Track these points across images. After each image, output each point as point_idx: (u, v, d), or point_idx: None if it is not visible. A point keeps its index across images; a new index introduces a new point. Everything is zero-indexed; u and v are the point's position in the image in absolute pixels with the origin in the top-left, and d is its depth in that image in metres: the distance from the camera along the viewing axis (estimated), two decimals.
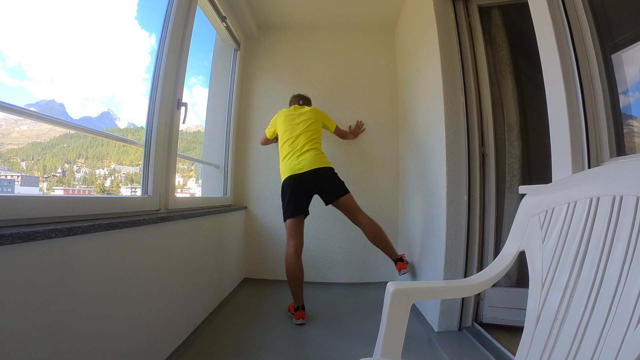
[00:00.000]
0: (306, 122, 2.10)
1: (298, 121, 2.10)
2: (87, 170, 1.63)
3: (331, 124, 2.32)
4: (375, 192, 2.72)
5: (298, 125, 2.08)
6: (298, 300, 1.86)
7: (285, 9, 2.65)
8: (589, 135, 0.99)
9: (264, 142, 2.49)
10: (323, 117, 2.25)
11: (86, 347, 0.91)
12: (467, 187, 1.70)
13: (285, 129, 2.10)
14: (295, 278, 1.87)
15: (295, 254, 1.90)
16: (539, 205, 0.86)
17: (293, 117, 2.12)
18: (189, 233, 1.60)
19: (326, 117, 2.29)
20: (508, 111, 1.78)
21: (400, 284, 0.81)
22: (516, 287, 1.68)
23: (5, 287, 0.68)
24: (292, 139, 2.05)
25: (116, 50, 1.53)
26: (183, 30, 1.60)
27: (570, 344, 0.64)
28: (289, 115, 2.14)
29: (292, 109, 2.19)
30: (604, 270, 0.63)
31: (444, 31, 1.78)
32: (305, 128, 2.08)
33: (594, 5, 1.04)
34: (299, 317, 1.81)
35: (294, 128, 2.08)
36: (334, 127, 2.34)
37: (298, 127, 2.08)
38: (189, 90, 2.00)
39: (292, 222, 1.96)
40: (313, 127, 2.11)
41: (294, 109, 2.19)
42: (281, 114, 2.19)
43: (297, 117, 2.13)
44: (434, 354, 1.50)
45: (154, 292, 1.27)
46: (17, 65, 1.09)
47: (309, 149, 2.03)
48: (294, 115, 2.14)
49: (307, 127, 2.08)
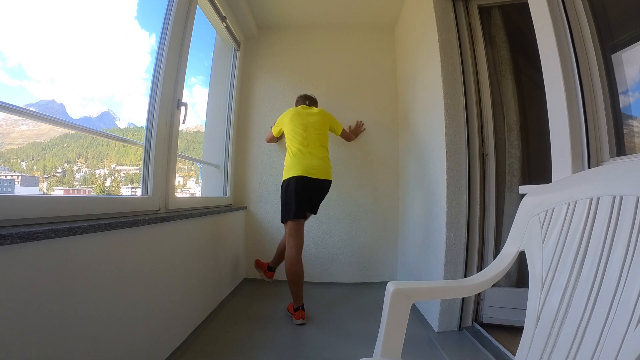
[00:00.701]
0: (316, 124, 2.09)
1: (308, 121, 2.08)
2: (87, 170, 1.63)
3: (338, 127, 2.31)
4: (375, 192, 2.72)
5: (308, 126, 2.06)
6: (298, 301, 1.86)
7: (285, 9, 2.65)
8: (589, 135, 0.99)
9: (270, 140, 2.51)
10: (330, 120, 2.24)
11: (86, 347, 0.91)
12: (467, 187, 1.70)
13: (294, 126, 2.07)
14: (296, 279, 1.87)
15: (296, 255, 1.89)
16: (539, 205, 0.86)
17: (303, 116, 2.10)
18: (189, 233, 1.60)
19: (334, 119, 2.28)
20: (508, 111, 1.78)
21: (400, 284, 0.81)
22: (516, 287, 1.68)
23: (5, 287, 0.68)
24: (303, 136, 2.03)
25: (116, 50, 1.53)
26: (183, 30, 1.60)
27: (570, 344, 0.64)
28: (298, 113, 2.12)
29: (300, 109, 2.17)
30: (604, 270, 0.63)
31: (444, 31, 1.78)
32: (316, 130, 2.07)
33: (594, 5, 1.04)
34: (299, 317, 1.81)
35: (305, 127, 2.06)
36: (341, 130, 2.34)
37: (308, 128, 2.06)
38: (189, 90, 2.00)
39: (294, 224, 1.93)
40: (323, 130, 2.12)
41: (302, 108, 2.17)
42: (289, 112, 2.17)
43: (306, 116, 2.11)
44: (434, 354, 1.50)
45: (154, 292, 1.27)
46: (17, 65, 1.09)
47: (323, 156, 2.04)
48: (303, 114, 2.12)
49: (317, 129, 2.08)
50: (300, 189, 1.93)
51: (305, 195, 1.95)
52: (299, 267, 1.88)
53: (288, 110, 2.20)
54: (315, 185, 1.99)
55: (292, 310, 1.87)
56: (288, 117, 2.13)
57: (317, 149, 2.03)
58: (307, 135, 2.04)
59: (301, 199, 1.93)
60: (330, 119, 2.24)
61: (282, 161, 2.78)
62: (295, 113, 2.13)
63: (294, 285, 1.87)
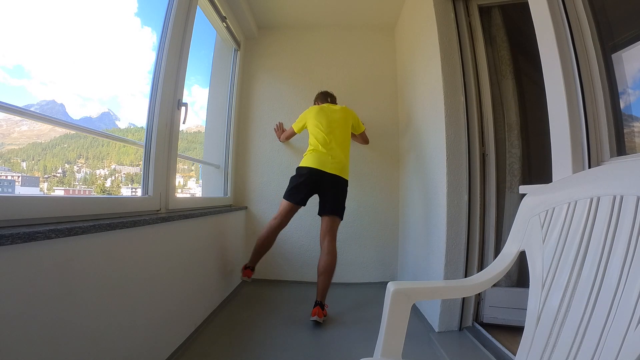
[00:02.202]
0: (340, 121, 2.11)
1: (332, 118, 2.10)
2: (87, 171, 1.63)
3: (360, 126, 2.31)
4: (375, 192, 2.72)
5: (332, 123, 2.08)
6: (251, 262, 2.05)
7: (285, 9, 2.65)
8: (589, 134, 0.99)
9: (287, 138, 2.53)
10: (353, 117, 2.23)
11: (86, 347, 0.91)
12: (468, 186, 1.70)
13: (318, 122, 2.08)
14: (264, 248, 2.03)
15: (276, 229, 2.02)
16: (540, 205, 0.86)
17: (328, 113, 2.12)
18: (190, 233, 1.61)
19: (356, 117, 2.27)
20: (508, 111, 1.78)
21: (400, 284, 0.81)
22: (517, 287, 1.68)
23: (5, 287, 0.68)
24: (328, 133, 2.04)
25: (116, 50, 1.53)
26: (183, 31, 1.60)
27: (570, 344, 0.64)
28: (323, 110, 2.13)
29: (325, 106, 2.18)
30: (605, 270, 0.63)
31: (444, 31, 1.78)
32: (339, 127, 2.09)
33: (594, 5, 1.04)
34: (246, 275, 2.03)
35: (330, 124, 2.07)
36: (363, 129, 2.36)
37: (332, 125, 2.07)
38: (189, 90, 2.00)
39: (289, 206, 2.01)
40: (346, 128, 2.14)
41: (327, 106, 2.18)
42: (312, 109, 2.18)
43: (332, 113, 2.13)
44: (435, 354, 1.50)
45: (155, 293, 1.27)
46: (17, 65, 1.09)
47: (344, 155, 2.07)
48: (327, 111, 2.13)
49: (341, 126, 2.10)
50: (309, 180, 1.98)
51: (312, 186, 2.00)
52: (271, 240, 2.03)
53: (311, 108, 2.21)
54: (327, 179, 1.98)
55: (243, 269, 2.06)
56: (313, 114, 2.14)
57: (340, 148, 2.05)
58: (332, 132, 2.05)
59: (307, 188, 2.00)
60: (353, 116, 2.24)
61: (283, 161, 2.78)
62: (320, 110, 2.13)
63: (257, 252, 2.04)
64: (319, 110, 2.14)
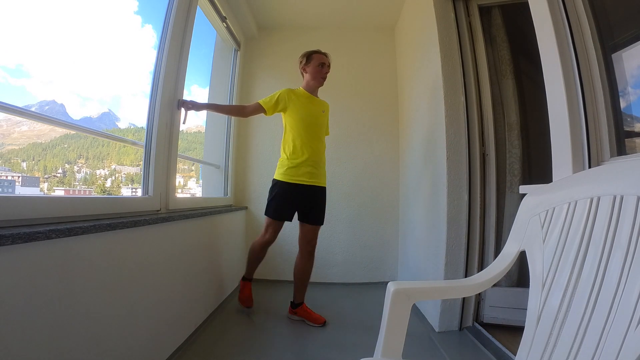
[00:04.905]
0: (324, 124, 1.92)
1: (321, 121, 1.87)
2: (87, 171, 1.63)
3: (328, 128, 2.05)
4: (375, 192, 2.72)
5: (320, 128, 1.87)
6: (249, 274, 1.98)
7: (285, 10, 2.65)
8: (590, 134, 0.99)
9: (249, 114, 1.92)
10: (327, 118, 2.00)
11: (87, 347, 0.91)
12: (468, 186, 1.70)
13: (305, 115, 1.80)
14: (259, 260, 1.95)
15: (264, 246, 1.89)
16: (540, 205, 0.86)
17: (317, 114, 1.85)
18: (190, 233, 1.61)
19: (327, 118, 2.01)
20: (508, 111, 1.78)
21: (401, 284, 0.81)
22: (517, 287, 1.68)
23: (6, 287, 0.68)
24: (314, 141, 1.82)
25: (116, 49, 1.53)
26: (183, 31, 1.60)
27: (570, 344, 0.64)
28: (311, 104, 1.84)
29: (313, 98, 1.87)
30: (605, 270, 0.63)
31: (444, 31, 1.78)
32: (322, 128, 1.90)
33: (594, 5, 1.04)
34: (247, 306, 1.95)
35: (317, 130, 1.84)
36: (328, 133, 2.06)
37: (319, 131, 1.86)
38: (189, 90, 2.00)
39: (276, 223, 1.84)
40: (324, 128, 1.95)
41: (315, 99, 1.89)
42: (298, 96, 1.82)
43: (320, 115, 1.86)
44: (435, 354, 1.50)
45: (155, 293, 1.27)
46: (17, 65, 1.09)
47: (323, 162, 1.89)
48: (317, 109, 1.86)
49: (324, 128, 1.92)
50: (295, 196, 1.80)
51: (297, 202, 1.82)
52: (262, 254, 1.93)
53: (296, 91, 1.84)
54: (311, 192, 1.82)
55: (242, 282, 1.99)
56: (298, 104, 1.79)
57: (322, 155, 1.89)
58: (318, 139, 1.85)
59: (293, 205, 1.83)
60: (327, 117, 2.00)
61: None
62: (309, 103, 1.82)
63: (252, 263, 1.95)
64: (307, 98, 1.83)
